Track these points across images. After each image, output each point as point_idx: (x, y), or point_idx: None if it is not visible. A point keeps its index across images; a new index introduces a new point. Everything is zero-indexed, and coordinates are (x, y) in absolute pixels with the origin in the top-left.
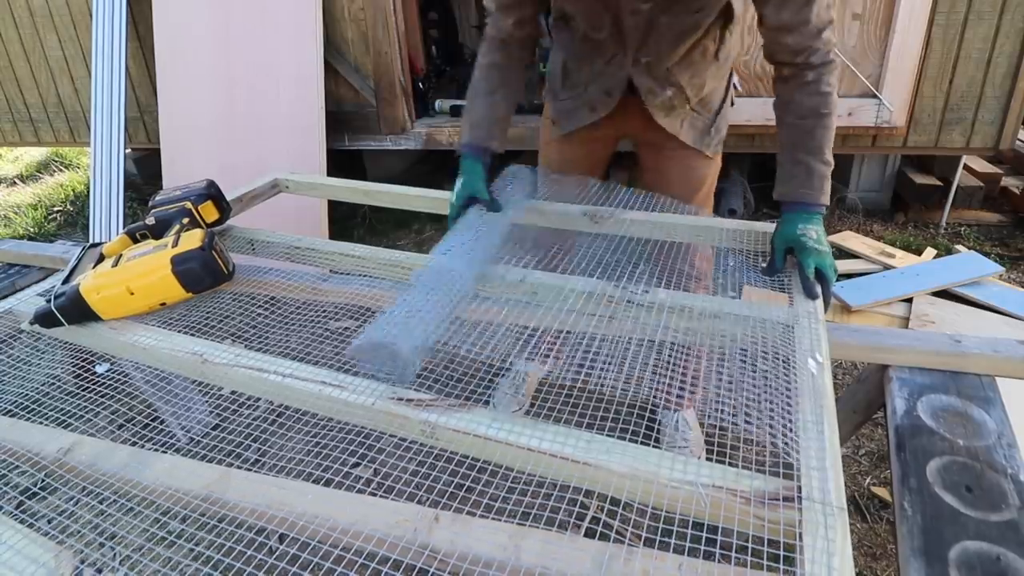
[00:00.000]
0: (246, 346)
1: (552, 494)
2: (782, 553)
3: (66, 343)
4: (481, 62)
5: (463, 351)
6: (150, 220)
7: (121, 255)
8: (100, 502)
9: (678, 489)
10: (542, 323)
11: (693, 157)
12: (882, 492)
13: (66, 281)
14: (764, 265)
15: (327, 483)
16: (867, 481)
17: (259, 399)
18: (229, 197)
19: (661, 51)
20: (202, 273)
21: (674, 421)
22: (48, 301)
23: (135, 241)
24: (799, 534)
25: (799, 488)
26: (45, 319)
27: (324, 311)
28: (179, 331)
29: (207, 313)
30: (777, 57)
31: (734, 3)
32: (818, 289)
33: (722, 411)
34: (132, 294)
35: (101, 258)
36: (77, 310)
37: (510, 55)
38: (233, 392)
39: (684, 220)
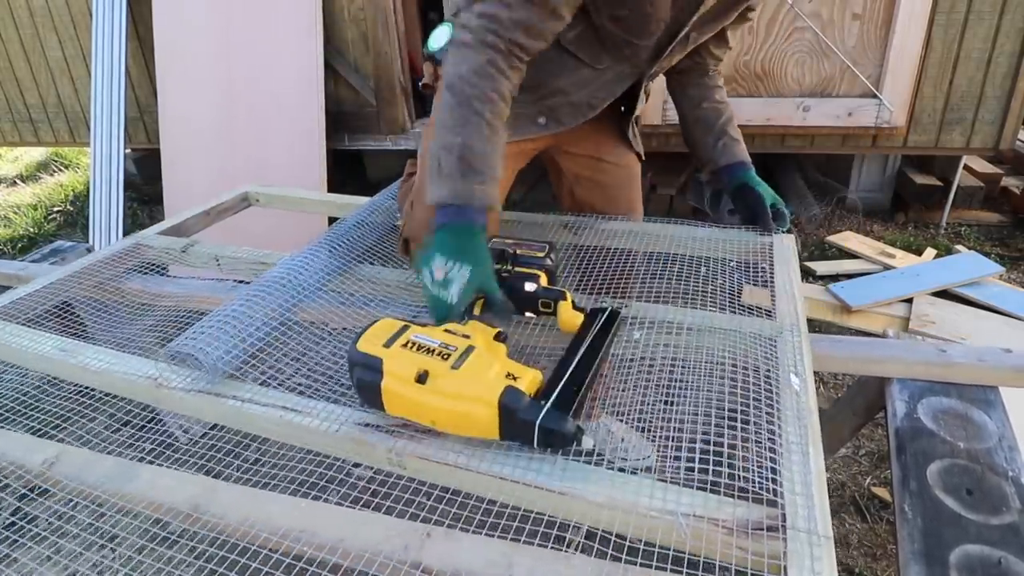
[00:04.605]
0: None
1: (543, 519)
2: None
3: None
4: (476, 81)
5: None
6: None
7: (414, 342)
8: (89, 515)
9: (658, 519)
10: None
11: (630, 162)
12: (882, 492)
13: None
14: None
15: (329, 479)
16: (867, 481)
17: None
18: (194, 211)
19: (672, 63)
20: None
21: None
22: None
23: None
24: (783, 567)
25: (783, 516)
26: None
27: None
28: (133, 353)
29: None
30: (699, 63)
31: None
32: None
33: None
34: (433, 423)
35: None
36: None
37: (512, 79)
38: None
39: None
